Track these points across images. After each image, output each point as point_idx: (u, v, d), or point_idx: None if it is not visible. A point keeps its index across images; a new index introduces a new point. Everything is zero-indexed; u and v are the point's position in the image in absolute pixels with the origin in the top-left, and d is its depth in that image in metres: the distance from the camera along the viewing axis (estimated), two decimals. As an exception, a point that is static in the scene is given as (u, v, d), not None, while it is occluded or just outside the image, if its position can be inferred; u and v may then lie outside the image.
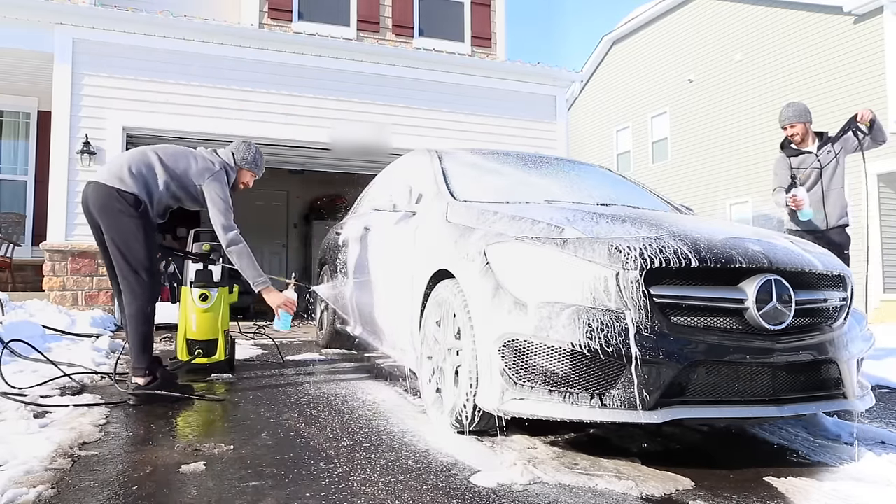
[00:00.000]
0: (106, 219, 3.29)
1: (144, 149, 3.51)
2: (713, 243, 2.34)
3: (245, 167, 3.83)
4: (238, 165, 3.79)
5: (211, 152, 3.69)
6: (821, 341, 2.38)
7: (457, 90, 8.81)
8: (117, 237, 3.27)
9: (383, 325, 3.75)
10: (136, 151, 3.49)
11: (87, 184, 3.42)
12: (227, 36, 7.74)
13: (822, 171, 4.43)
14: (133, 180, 3.32)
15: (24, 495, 1.85)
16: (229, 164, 3.71)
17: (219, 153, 3.71)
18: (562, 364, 2.19)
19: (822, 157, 4.46)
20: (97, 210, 3.31)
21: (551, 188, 3.56)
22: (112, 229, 3.28)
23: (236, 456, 2.30)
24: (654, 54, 17.11)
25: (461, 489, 2.00)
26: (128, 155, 3.46)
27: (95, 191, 3.32)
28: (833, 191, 4.42)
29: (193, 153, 3.61)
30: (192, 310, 3.96)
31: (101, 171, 3.42)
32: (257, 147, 3.93)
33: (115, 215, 3.28)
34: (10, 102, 8.72)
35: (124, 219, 3.27)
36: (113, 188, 3.28)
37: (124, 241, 3.27)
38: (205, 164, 3.56)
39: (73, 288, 6.95)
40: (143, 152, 3.48)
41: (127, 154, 3.49)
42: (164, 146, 3.59)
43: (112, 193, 3.27)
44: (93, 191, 3.34)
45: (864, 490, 2.09)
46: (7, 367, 3.57)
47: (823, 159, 4.45)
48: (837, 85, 12.52)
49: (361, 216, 4.57)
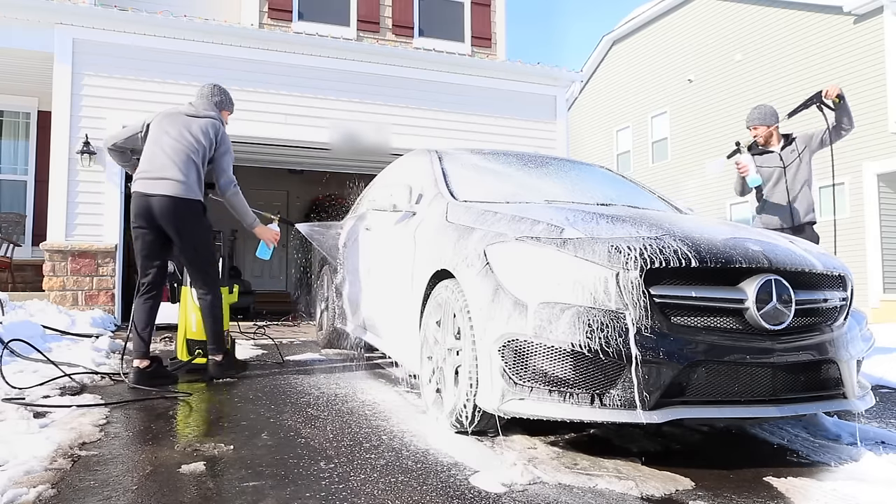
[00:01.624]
0: (183, 229, 3.62)
1: (178, 147, 3.67)
2: (713, 243, 2.34)
3: (227, 109, 4.10)
4: (225, 109, 4.07)
5: (200, 108, 3.90)
6: (821, 341, 2.38)
7: (457, 90, 8.81)
8: (194, 243, 3.68)
9: (383, 325, 3.75)
10: (176, 153, 3.65)
11: (150, 196, 3.58)
12: (227, 36, 7.74)
13: (786, 170, 4.47)
14: (196, 186, 3.66)
15: (24, 495, 1.85)
16: (217, 116, 3.94)
17: (200, 107, 3.90)
18: (562, 364, 2.19)
19: (786, 156, 4.51)
20: (172, 223, 3.59)
21: (551, 188, 3.56)
22: (188, 238, 3.66)
23: (236, 456, 2.30)
24: (654, 54, 17.11)
25: (461, 489, 1.99)
26: (174, 159, 3.63)
27: (168, 206, 3.57)
28: (797, 188, 4.45)
29: (195, 124, 3.79)
30: (193, 310, 3.95)
31: (163, 184, 3.59)
32: (218, 84, 4.13)
33: (191, 226, 3.64)
34: (10, 102, 8.72)
35: (198, 227, 3.68)
36: (182, 199, 3.58)
37: (202, 245, 3.72)
38: (213, 127, 3.84)
39: (73, 288, 6.95)
40: (180, 152, 3.66)
41: (170, 157, 3.64)
42: (174, 129, 3.73)
43: (186, 205, 3.60)
44: (165, 205, 3.57)
45: (865, 490, 2.09)
46: (7, 367, 3.57)
47: (786, 158, 4.51)
48: (837, 85, 12.51)
49: (361, 216, 4.57)
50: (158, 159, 3.63)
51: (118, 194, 7.17)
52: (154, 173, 3.61)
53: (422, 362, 2.96)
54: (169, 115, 3.83)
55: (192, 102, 3.97)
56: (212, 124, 3.84)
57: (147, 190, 3.58)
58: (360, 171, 9.35)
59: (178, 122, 3.77)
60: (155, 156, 3.66)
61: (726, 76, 14.93)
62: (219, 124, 3.90)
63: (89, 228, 7.03)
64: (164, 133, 3.71)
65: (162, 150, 3.65)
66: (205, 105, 3.94)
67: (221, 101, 4.04)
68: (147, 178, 3.62)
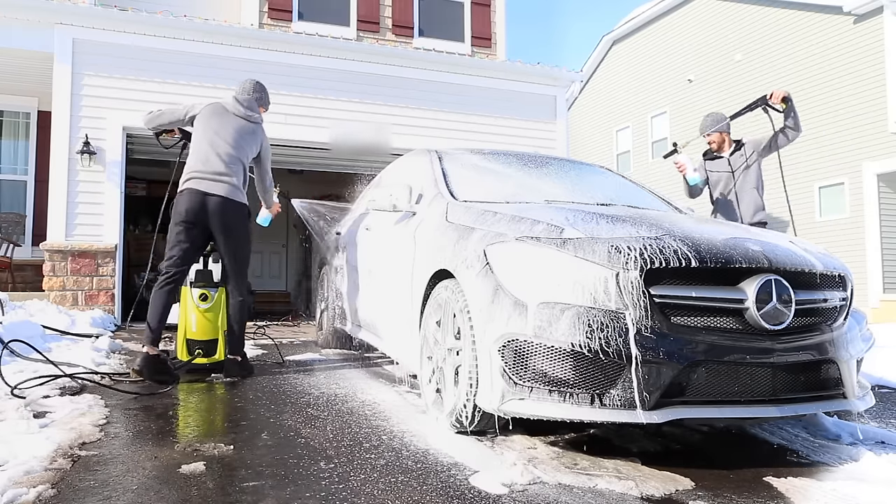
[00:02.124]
0: (230, 230, 3.81)
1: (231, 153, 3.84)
2: (713, 243, 2.34)
3: (265, 105, 4.21)
4: (262, 106, 4.18)
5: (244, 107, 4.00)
6: (821, 341, 2.38)
7: (457, 90, 8.81)
8: (238, 244, 3.86)
9: (383, 325, 3.75)
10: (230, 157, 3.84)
11: (206, 195, 3.75)
12: (227, 36, 7.74)
13: (734, 174, 4.74)
14: (243, 190, 3.86)
15: (24, 495, 1.85)
16: (260, 119, 4.09)
17: (244, 106, 4.00)
18: (562, 364, 2.19)
19: (734, 161, 4.77)
20: (222, 222, 3.78)
21: (551, 188, 3.56)
22: (233, 239, 3.84)
23: (236, 456, 2.30)
24: (654, 54, 17.10)
25: (461, 489, 2.00)
26: (227, 162, 3.84)
27: (221, 206, 3.77)
28: (745, 191, 4.67)
29: (245, 129, 3.95)
30: (192, 310, 3.96)
31: (219, 185, 3.78)
32: (259, 82, 4.20)
33: (238, 228, 3.84)
34: (10, 102, 8.72)
35: (243, 230, 3.89)
36: (234, 201, 3.80)
37: (243, 247, 3.91)
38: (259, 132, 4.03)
39: (73, 288, 6.95)
40: (233, 157, 3.85)
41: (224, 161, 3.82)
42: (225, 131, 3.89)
43: (237, 208, 3.82)
44: (219, 206, 3.76)
45: (864, 490, 2.09)
46: (7, 367, 3.57)
47: (734, 162, 4.77)
48: (837, 85, 12.52)
49: (361, 216, 4.57)
50: (213, 161, 3.81)
51: (118, 194, 7.17)
52: (209, 174, 3.78)
53: (422, 362, 2.96)
54: (218, 115, 3.95)
55: (237, 99, 4.03)
56: (258, 129, 4.05)
57: (203, 188, 3.75)
58: (360, 171, 9.34)
59: (229, 124, 3.92)
60: (209, 157, 3.82)
61: (726, 76, 14.92)
62: (261, 129, 4.08)
63: (89, 228, 7.03)
64: (216, 134, 3.88)
65: (216, 154, 3.82)
66: (248, 103, 4.04)
67: (261, 97, 4.16)
68: (202, 177, 3.78)
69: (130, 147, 7.90)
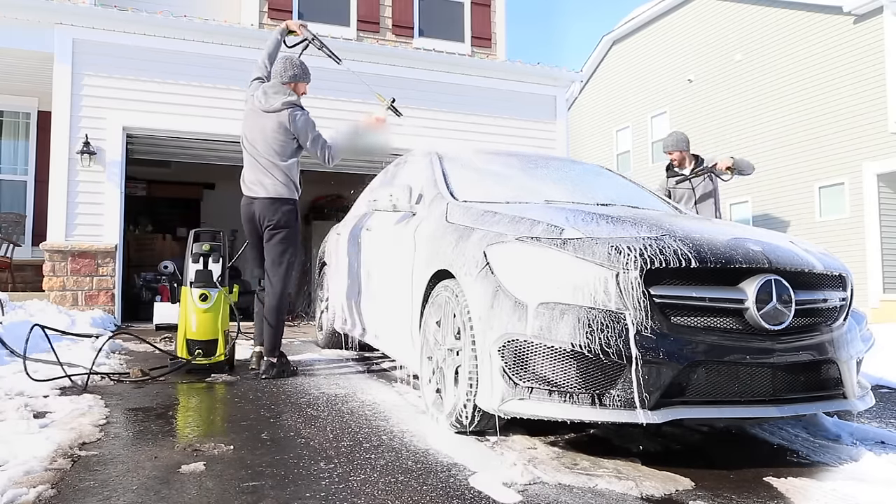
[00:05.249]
0: (271, 225, 3.91)
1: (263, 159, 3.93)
2: (713, 243, 2.34)
3: (303, 80, 4.11)
4: (300, 81, 4.08)
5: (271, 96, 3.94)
6: (820, 341, 2.38)
7: (457, 90, 8.80)
8: (275, 238, 3.92)
9: (383, 325, 3.75)
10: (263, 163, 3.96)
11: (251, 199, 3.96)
12: (227, 36, 7.73)
13: (694, 191, 5.43)
14: (283, 186, 3.94)
15: (24, 495, 1.85)
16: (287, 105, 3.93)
17: (271, 95, 3.94)
18: (562, 364, 2.19)
19: (694, 181, 5.45)
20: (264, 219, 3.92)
21: (551, 188, 3.56)
22: (270, 234, 3.92)
23: (236, 456, 2.30)
24: (654, 54, 17.10)
25: (461, 489, 2.00)
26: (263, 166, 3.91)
27: (260, 205, 3.92)
28: (703, 209, 5.36)
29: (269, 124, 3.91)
30: (192, 310, 3.95)
31: (259, 188, 3.92)
32: (289, 58, 4.13)
33: (275, 222, 3.90)
34: (10, 102, 8.71)
35: (282, 225, 3.93)
36: (272, 198, 3.90)
37: (282, 242, 3.93)
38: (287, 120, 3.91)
39: (73, 288, 6.95)
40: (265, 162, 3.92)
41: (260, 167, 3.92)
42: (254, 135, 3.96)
43: (275, 202, 3.90)
44: (258, 206, 3.93)
45: (864, 490, 2.09)
46: (7, 367, 3.58)
47: (695, 182, 5.45)
48: (837, 85, 12.52)
49: (361, 217, 4.57)
50: (251, 170, 4.00)
51: (118, 194, 7.17)
52: (249, 181, 4.00)
53: (422, 363, 2.96)
54: (250, 117, 4.03)
55: (266, 89, 4.01)
56: (284, 117, 3.91)
57: (249, 194, 3.99)
58: (360, 171, 9.34)
59: (257, 126, 3.97)
60: (249, 163, 4.03)
61: (726, 76, 14.92)
62: (289, 116, 3.91)
63: (89, 228, 7.03)
64: (246, 139, 4.02)
65: (253, 159, 3.98)
66: (275, 90, 3.98)
67: (294, 75, 4.05)
68: (247, 183, 4.02)
69: (130, 147, 7.90)
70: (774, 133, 13.61)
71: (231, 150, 8.49)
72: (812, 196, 13.02)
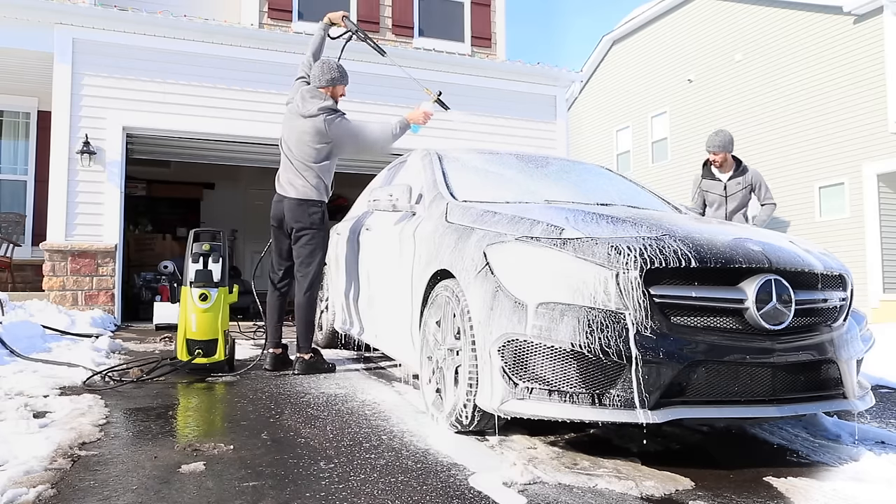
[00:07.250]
0: (298, 225, 4.01)
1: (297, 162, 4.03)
2: (713, 243, 2.34)
3: (341, 83, 4.18)
4: (337, 84, 4.16)
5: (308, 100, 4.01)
6: (820, 341, 2.38)
7: (457, 90, 8.78)
8: (303, 239, 4.02)
9: (383, 325, 3.75)
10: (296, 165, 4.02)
11: (282, 198, 4.07)
12: (227, 36, 7.73)
13: (728, 199, 5.21)
14: (313, 189, 4.03)
15: (24, 495, 1.85)
16: (322, 110, 3.99)
17: (308, 99, 4.02)
18: (562, 364, 2.19)
19: (730, 187, 5.21)
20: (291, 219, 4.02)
21: (551, 188, 3.56)
22: (298, 234, 4.03)
23: (236, 456, 2.30)
24: (653, 54, 17.10)
25: (461, 489, 2.00)
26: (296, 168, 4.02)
27: (289, 205, 4.03)
28: (734, 217, 5.19)
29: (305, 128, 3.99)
30: (192, 310, 3.95)
31: (291, 188, 4.03)
32: (326, 61, 4.19)
33: (303, 222, 4.01)
34: (10, 102, 8.72)
35: (310, 225, 4.02)
36: (300, 199, 4.01)
37: (310, 242, 4.02)
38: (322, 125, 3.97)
39: (73, 288, 6.95)
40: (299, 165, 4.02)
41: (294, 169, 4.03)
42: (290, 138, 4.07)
43: (303, 204, 4.00)
44: (287, 206, 4.04)
45: (865, 490, 2.09)
46: (6, 367, 3.58)
47: (730, 189, 5.21)
48: (837, 85, 12.52)
49: (361, 216, 4.57)
50: (286, 171, 4.10)
51: (118, 194, 7.17)
52: (283, 181, 4.10)
53: (422, 362, 2.96)
54: (288, 119, 4.13)
55: (304, 93, 4.07)
56: (320, 122, 3.98)
57: (281, 192, 4.09)
58: (360, 171, 9.34)
59: (294, 130, 4.07)
60: (284, 163, 4.14)
61: (726, 76, 14.92)
62: (324, 121, 3.98)
63: (89, 228, 7.03)
64: (283, 140, 4.15)
65: (288, 160, 4.09)
66: (312, 94, 4.06)
67: (332, 78, 4.13)
68: (280, 182, 4.12)
69: (130, 147, 7.90)
70: (774, 133, 13.61)
71: (231, 150, 8.51)
72: (812, 196, 13.02)
